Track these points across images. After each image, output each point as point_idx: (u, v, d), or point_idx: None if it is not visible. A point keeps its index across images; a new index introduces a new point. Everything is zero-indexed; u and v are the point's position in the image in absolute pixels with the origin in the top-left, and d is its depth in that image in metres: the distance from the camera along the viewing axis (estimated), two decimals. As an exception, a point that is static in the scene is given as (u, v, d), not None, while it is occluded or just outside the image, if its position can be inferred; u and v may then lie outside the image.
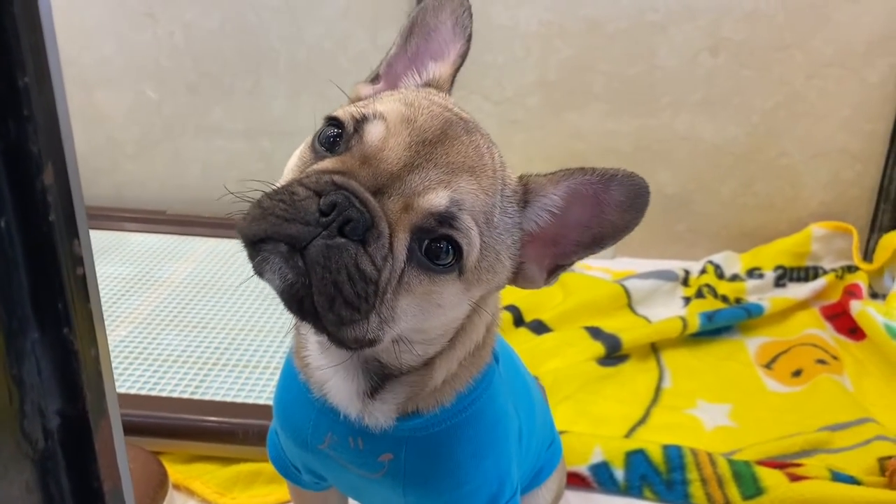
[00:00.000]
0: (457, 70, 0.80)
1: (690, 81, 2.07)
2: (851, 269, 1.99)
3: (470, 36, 0.79)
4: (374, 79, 0.81)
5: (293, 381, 0.84)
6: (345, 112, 0.69)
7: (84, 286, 0.41)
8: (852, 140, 2.07)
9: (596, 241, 0.73)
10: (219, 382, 1.50)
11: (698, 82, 2.07)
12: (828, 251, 2.05)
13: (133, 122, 2.30)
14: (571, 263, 0.75)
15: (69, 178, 0.39)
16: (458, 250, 0.65)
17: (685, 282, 2.01)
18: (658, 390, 1.60)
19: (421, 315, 0.68)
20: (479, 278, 0.69)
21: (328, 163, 0.66)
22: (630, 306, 1.91)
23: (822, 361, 1.66)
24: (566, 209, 0.72)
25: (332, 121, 0.69)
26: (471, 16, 0.78)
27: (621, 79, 2.09)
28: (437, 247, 0.65)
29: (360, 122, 0.67)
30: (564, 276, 1.99)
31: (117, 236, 2.15)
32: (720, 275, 2.04)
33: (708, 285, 1.97)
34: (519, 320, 1.82)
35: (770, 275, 2.02)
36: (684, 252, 2.22)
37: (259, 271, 0.63)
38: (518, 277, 0.75)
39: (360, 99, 0.78)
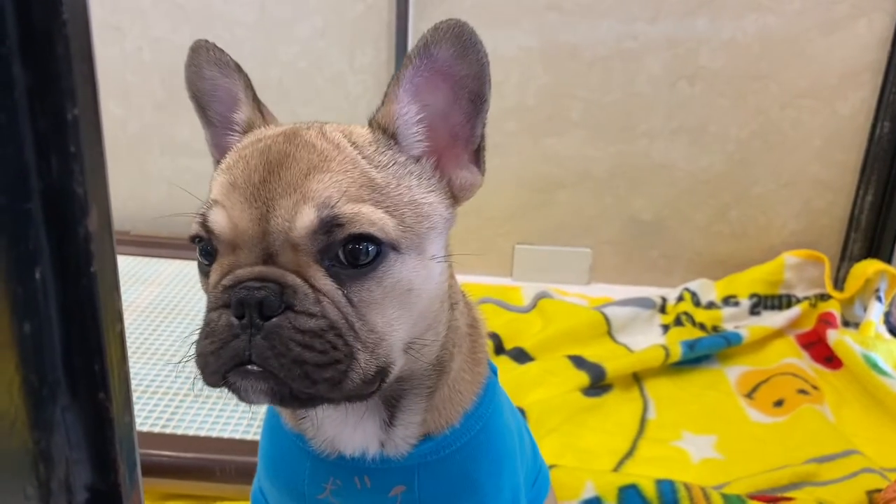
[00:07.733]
0: (256, 101, 0.77)
1: (667, 109, 2.07)
2: (824, 297, 2.00)
3: (237, 66, 0.75)
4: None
5: (279, 433, 0.80)
6: (196, 223, 0.68)
7: (122, 344, 0.36)
8: (824, 170, 2.10)
9: (475, 101, 0.69)
10: (192, 415, 1.43)
11: (675, 110, 2.07)
12: (800, 279, 2.07)
13: (95, 138, 2.21)
14: (482, 138, 0.72)
15: (111, 224, 0.34)
16: (369, 237, 0.61)
17: (663, 309, 2.00)
18: (643, 422, 1.58)
19: (405, 309, 0.65)
20: (419, 233, 0.65)
21: (214, 274, 0.65)
22: (610, 334, 1.89)
23: (803, 391, 1.66)
24: (427, 106, 0.69)
25: (193, 239, 0.68)
26: (222, 49, 0.75)
27: (599, 105, 2.08)
28: (354, 249, 0.61)
29: (205, 221, 0.65)
30: (543, 304, 2.00)
31: (77, 258, 2.05)
32: (697, 302, 2.03)
33: (686, 313, 1.96)
34: (500, 348, 1.79)
35: (745, 303, 2.02)
36: (659, 279, 2.22)
37: (247, 401, 0.63)
38: (456, 193, 0.71)
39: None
